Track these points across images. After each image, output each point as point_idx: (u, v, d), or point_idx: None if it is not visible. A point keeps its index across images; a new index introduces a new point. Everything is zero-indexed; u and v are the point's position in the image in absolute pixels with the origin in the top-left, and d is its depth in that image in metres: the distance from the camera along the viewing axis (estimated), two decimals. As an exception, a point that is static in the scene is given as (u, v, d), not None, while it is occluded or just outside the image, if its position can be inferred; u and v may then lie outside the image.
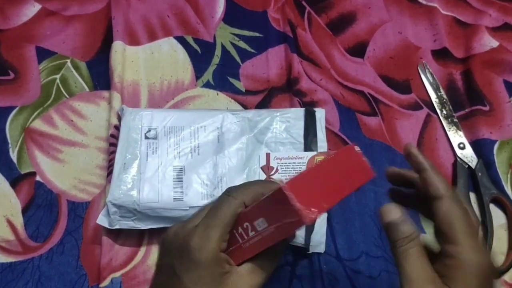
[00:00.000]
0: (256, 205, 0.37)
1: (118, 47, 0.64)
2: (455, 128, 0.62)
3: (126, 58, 0.64)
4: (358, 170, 0.39)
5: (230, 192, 0.39)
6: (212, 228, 0.37)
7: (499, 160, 0.60)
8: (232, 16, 0.69)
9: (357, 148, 0.38)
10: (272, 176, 0.55)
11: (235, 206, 0.37)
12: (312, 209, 0.34)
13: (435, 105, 0.64)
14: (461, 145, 0.61)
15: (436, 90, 0.64)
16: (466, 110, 0.64)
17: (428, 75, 0.65)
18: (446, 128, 0.62)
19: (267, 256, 0.38)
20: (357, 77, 0.66)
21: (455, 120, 0.62)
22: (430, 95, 0.64)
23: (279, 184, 0.35)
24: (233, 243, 0.38)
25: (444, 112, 0.63)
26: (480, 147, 0.61)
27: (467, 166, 0.60)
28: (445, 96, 0.64)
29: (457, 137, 0.62)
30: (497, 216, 0.58)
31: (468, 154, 0.60)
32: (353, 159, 0.39)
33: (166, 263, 0.38)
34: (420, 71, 0.66)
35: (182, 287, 0.36)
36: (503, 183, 0.59)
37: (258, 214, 0.36)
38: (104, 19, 0.68)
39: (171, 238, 0.39)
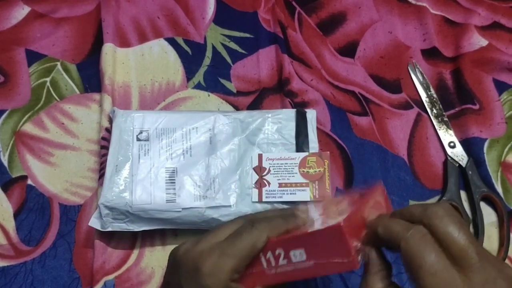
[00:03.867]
0: (298, 236, 0.35)
1: (109, 49, 0.64)
2: (446, 127, 0.62)
3: (116, 60, 0.64)
4: (381, 209, 0.38)
5: (254, 223, 0.37)
6: (228, 258, 0.35)
7: (489, 159, 0.61)
8: (223, 17, 0.69)
9: (382, 187, 0.39)
10: (265, 177, 0.55)
11: (257, 239, 0.36)
12: (359, 250, 0.33)
13: (426, 104, 0.64)
14: (452, 144, 0.61)
15: (426, 89, 0.65)
16: (456, 109, 0.64)
17: (418, 74, 0.65)
18: (437, 127, 0.63)
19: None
20: (348, 77, 0.66)
21: (446, 119, 0.63)
22: (420, 94, 0.65)
23: (304, 217, 0.35)
24: (255, 266, 0.37)
25: (435, 111, 0.63)
26: (470, 145, 0.61)
27: (457, 164, 0.60)
28: (435, 95, 0.64)
29: (447, 136, 0.62)
30: (488, 214, 0.59)
31: (458, 153, 0.61)
32: (382, 197, 0.38)
33: (175, 281, 0.37)
34: (410, 70, 0.66)
35: None
36: (493, 181, 0.60)
37: (297, 245, 0.35)
38: (94, 21, 0.68)
39: (181, 256, 0.38)
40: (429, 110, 0.63)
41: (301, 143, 0.57)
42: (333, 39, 0.69)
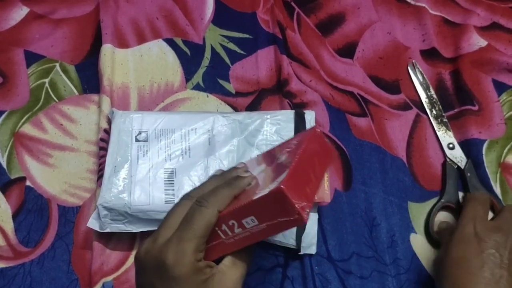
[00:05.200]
0: (245, 205, 0.37)
1: (107, 50, 0.64)
2: (445, 128, 0.62)
3: (115, 61, 0.64)
4: (325, 153, 0.41)
5: (201, 202, 0.38)
6: (186, 242, 0.36)
7: (488, 160, 0.61)
8: (221, 17, 0.69)
9: (318, 130, 0.41)
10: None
11: (209, 217, 0.37)
12: (304, 206, 0.35)
13: (425, 105, 0.64)
14: (451, 145, 0.61)
15: (426, 89, 0.64)
16: (456, 110, 0.64)
17: (418, 74, 0.65)
18: (436, 128, 0.63)
19: (245, 253, 0.39)
20: (347, 78, 0.66)
21: (445, 120, 0.63)
22: (420, 95, 0.65)
23: (247, 178, 0.38)
24: (214, 239, 0.38)
25: (434, 112, 0.63)
26: (469, 147, 0.61)
27: (456, 166, 0.60)
28: (435, 96, 0.64)
29: (446, 137, 0.62)
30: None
31: (457, 155, 0.61)
32: (320, 141, 0.41)
33: (146, 282, 0.38)
34: (410, 70, 0.66)
35: None
36: (492, 182, 0.59)
37: (247, 213, 0.36)
38: (93, 22, 0.68)
39: (143, 257, 0.38)
40: (428, 111, 0.63)
41: (299, 144, 0.57)
42: (332, 40, 0.69)
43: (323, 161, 0.42)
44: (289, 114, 0.59)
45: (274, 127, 0.58)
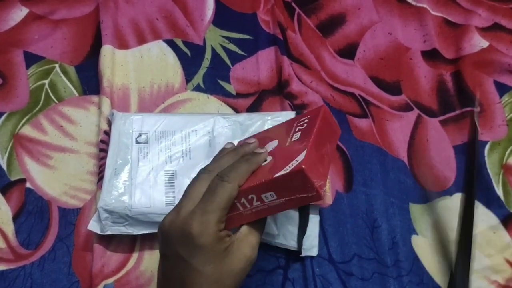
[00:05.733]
0: (266, 182, 0.39)
1: (107, 51, 0.64)
2: None
3: (115, 62, 0.64)
4: (332, 130, 0.44)
5: (223, 177, 0.41)
6: (210, 213, 0.39)
7: (490, 161, 0.61)
8: (222, 18, 0.69)
9: (325, 108, 0.44)
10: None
11: (230, 191, 0.40)
12: (322, 184, 0.38)
13: None
14: None
15: None
16: (457, 111, 0.64)
17: None
18: None
19: (258, 221, 0.42)
20: (348, 79, 0.66)
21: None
22: None
23: (263, 154, 0.42)
24: (233, 211, 0.41)
25: None
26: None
27: None
28: None
29: None
30: (488, 218, 0.58)
31: None
32: (328, 119, 0.44)
33: (171, 251, 0.40)
34: None
35: (191, 269, 0.39)
36: (494, 184, 0.59)
37: (267, 189, 0.39)
38: (93, 23, 0.68)
39: (168, 228, 0.41)
40: None
41: (300, 145, 0.57)
42: (332, 41, 0.68)
43: (332, 139, 0.44)
44: (290, 115, 0.59)
45: (275, 128, 0.58)
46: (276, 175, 0.38)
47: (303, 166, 0.37)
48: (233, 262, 0.40)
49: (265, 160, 0.43)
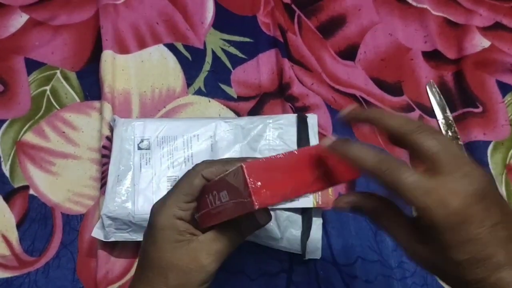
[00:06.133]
0: (222, 177, 0.37)
1: (108, 56, 0.64)
2: None
3: (116, 67, 0.64)
4: (346, 169, 0.39)
5: (194, 165, 0.41)
6: (170, 196, 0.39)
7: (493, 161, 0.61)
8: (222, 21, 0.69)
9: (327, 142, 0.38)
10: None
11: (192, 178, 0.39)
12: (264, 193, 0.34)
13: (441, 126, 0.63)
14: None
15: (443, 110, 0.64)
16: (458, 111, 0.64)
17: (436, 95, 0.64)
18: None
19: (230, 228, 0.39)
20: (349, 81, 0.66)
21: (460, 142, 0.62)
22: (437, 115, 0.63)
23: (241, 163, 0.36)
24: (204, 207, 0.39)
25: (450, 134, 0.62)
26: (473, 149, 0.61)
27: None
28: (451, 118, 0.63)
29: None
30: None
31: None
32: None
33: (144, 236, 0.41)
34: (428, 90, 0.65)
35: (144, 252, 0.39)
36: (497, 185, 0.59)
37: (222, 187, 0.37)
38: (93, 28, 0.68)
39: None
40: (444, 132, 0.62)
41: (302, 148, 0.57)
42: (333, 42, 0.68)
43: (342, 174, 0.39)
44: (292, 118, 0.59)
45: (276, 131, 0.58)
46: (228, 171, 0.37)
47: (243, 165, 0.34)
48: (182, 259, 0.38)
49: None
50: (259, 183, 0.34)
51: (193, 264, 0.38)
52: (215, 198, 0.38)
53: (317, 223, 0.55)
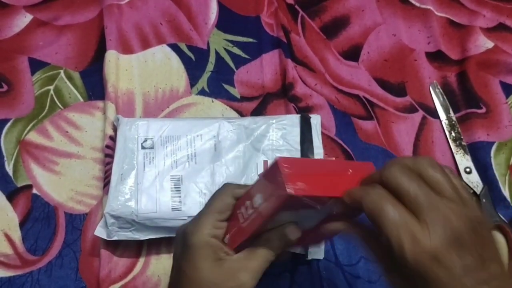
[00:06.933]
0: (256, 183, 0.38)
1: (112, 56, 0.64)
2: (463, 151, 0.61)
3: (119, 67, 0.64)
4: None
5: (222, 186, 0.42)
6: (203, 215, 0.40)
7: (497, 162, 0.60)
8: (225, 22, 0.69)
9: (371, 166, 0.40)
10: None
11: (224, 196, 0.40)
12: (296, 186, 0.35)
13: (444, 126, 0.63)
14: (468, 170, 0.60)
15: (446, 111, 0.64)
16: (462, 112, 0.64)
17: (439, 95, 0.64)
18: (454, 151, 0.61)
19: (261, 246, 0.40)
20: (352, 81, 0.66)
21: (463, 143, 0.62)
22: (440, 115, 0.63)
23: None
24: (235, 225, 0.40)
25: (453, 134, 0.62)
26: (476, 149, 0.61)
27: (472, 191, 0.59)
28: (454, 118, 0.63)
29: (464, 161, 0.61)
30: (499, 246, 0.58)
31: (474, 179, 0.59)
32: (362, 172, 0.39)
33: (175, 252, 0.42)
34: (431, 90, 0.65)
35: (181, 272, 0.39)
36: (501, 185, 0.59)
37: (256, 191, 0.38)
38: (97, 28, 0.68)
39: (177, 234, 0.42)
40: (447, 133, 0.62)
41: (306, 148, 0.57)
42: (336, 43, 0.68)
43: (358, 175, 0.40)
44: (295, 118, 0.59)
45: (280, 132, 0.58)
46: (262, 173, 0.38)
47: (278, 159, 0.36)
48: (221, 277, 0.38)
49: None
50: (292, 171, 0.36)
51: (232, 282, 0.38)
52: (247, 208, 0.39)
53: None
